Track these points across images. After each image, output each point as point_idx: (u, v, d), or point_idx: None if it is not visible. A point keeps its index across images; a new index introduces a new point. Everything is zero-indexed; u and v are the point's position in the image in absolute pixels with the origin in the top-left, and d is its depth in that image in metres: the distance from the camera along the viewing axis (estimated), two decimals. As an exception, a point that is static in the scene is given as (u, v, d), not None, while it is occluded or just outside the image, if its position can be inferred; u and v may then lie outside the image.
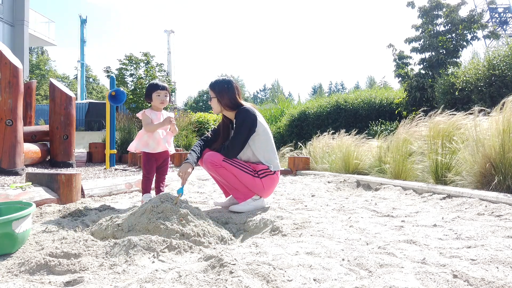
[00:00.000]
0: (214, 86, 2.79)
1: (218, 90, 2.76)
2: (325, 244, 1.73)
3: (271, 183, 2.73)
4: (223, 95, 2.76)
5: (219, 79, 2.84)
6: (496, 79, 5.51)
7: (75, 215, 2.47)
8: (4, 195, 2.59)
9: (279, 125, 10.99)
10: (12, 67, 4.99)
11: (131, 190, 3.77)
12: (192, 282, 1.26)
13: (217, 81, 2.82)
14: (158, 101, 2.91)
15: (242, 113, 2.70)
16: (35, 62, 40.41)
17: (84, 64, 39.21)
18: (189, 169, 2.55)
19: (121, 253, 1.59)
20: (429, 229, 1.99)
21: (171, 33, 40.26)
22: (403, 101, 8.07)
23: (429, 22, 8.00)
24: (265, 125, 2.80)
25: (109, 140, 6.51)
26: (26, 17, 17.50)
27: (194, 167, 2.63)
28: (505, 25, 32.03)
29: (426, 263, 1.46)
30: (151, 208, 1.98)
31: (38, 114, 16.35)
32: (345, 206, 2.79)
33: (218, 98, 2.77)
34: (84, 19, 37.98)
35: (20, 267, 1.46)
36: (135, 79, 11.24)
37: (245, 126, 2.67)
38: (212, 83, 2.82)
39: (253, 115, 2.70)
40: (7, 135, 4.93)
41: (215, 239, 1.90)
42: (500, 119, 2.95)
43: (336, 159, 5.27)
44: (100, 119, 17.80)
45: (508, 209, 2.27)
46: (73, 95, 6.51)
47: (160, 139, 2.92)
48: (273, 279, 1.29)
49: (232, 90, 2.77)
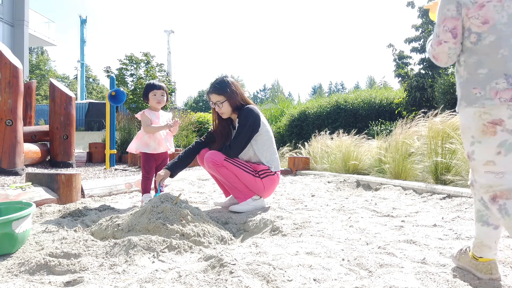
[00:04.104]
0: (223, 89, 2.67)
1: (230, 92, 2.67)
2: (325, 244, 1.73)
3: (272, 183, 2.73)
4: (235, 96, 2.69)
5: (222, 81, 2.73)
6: None
7: (75, 215, 2.47)
8: (4, 195, 2.59)
9: (279, 125, 10.98)
10: (12, 67, 4.99)
11: (131, 190, 3.77)
12: (192, 282, 1.26)
13: (222, 83, 2.70)
14: (154, 100, 2.91)
15: (246, 113, 2.68)
16: (35, 62, 40.40)
17: (84, 64, 39.19)
18: (162, 173, 2.65)
19: (121, 253, 1.59)
20: (429, 229, 1.99)
21: (171, 33, 40.23)
22: (403, 101, 8.07)
23: (429, 22, 7.99)
24: (267, 125, 2.80)
25: (109, 140, 6.51)
26: (26, 17, 17.49)
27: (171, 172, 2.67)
28: (505, 25, 32.05)
29: (426, 263, 1.46)
30: (151, 208, 1.98)
31: (38, 114, 16.35)
32: (345, 206, 2.79)
33: (230, 101, 2.68)
34: (84, 19, 37.95)
35: (20, 267, 1.46)
36: (135, 79, 11.25)
37: (249, 126, 2.65)
38: (218, 87, 2.68)
39: (257, 115, 2.70)
40: (7, 135, 4.93)
41: (215, 239, 1.90)
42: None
43: (336, 159, 5.26)
44: (100, 119, 17.81)
45: (508, 209, 2.27)
46: (73, 95, 6.52)
47: (162, 139, 2.92)
48: (273, 279, 1.29)
49: (239, 88, 2.75)
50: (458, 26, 1.19)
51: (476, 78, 1.18)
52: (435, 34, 1.24)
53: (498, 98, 1.12)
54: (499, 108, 1.13)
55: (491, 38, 1.16)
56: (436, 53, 1.24)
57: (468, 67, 1.21)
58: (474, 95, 1.17)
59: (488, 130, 1.14)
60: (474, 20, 1.17)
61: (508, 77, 1.12)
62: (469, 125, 1.20)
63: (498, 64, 1.14)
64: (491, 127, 1.13)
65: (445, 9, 1.21)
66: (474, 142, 1.19)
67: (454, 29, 1.19)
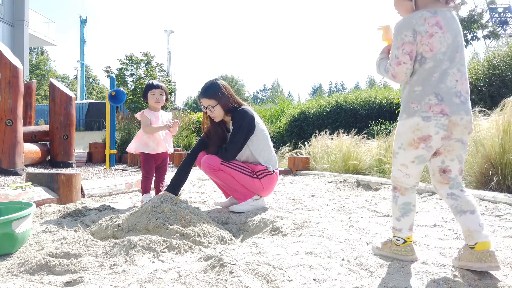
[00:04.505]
0: (214, 93, 2.64)
1: (221, 95, 2.64)
2: (325, 244, 1.73)
3: (271, 182, 2.72)
4: (226, 99, 2.66)
5: (212, 85, 2.69)
6: (496, 79, 5.50)
7: (75, 215, 2.47)
8: (4, 195, 2.59)
9: (279, 125, 10.98)
10: (12, 67, 4.99)
11: (131, 190, 3.77)
12: (192, 282, 1.26)
13: (213, 87, 2.66)
14: (153, 100, 2.91)
15: (241, 115, 2.65)
16: (35, 62, 40.40)
17: (84, 64, 39.21)
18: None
19: (121, 253, 1.59)
20: (429, 229, 2.00)
21: (171, 33, 40.27)
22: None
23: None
24: (262, 125, 2.78)
25: (109, 140, 6.51)
26: (26, 17, 17.50)
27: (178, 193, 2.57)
28: (505, 25, 32.03)
29: (426, 263, 1.46)
30: (151, 208, 1.98)
31: (38, 114, 16.36)
32: (345, 206, 2.79)
33: (222, 104, 2.65)
34: (84, 19, 37.98)
35: (20, 267, 1.46)
36: (135, 79, 11.25)
37: (244, 128, 2.63)
38: (209, 92, 2.65)
39: (251, 116, 2.68)
40: (7, 135, 4.93)
41: (215, 239, 1.90)
42: (500, 119, 2.95)
43: (336, 159, 5.26)
44: (100, 119, 17.82)
45: (508, 209, 2.27)
46: (73, 95, 6.52)
47: (161, 139, 2.91)
48: (273, 279, 1.29)
49: (230, 90, 2.73)
50: (413, 50, 1.41)
51: (414, 95, 1.43)
52: (394, 55, 1.43)
53: (431, 111, 1.39)
54: (428, 125, 1.39)
55: (430, 64, 1.40)
56: (396, 72, 1.44)
57: (410, 85, 1.45)
58: (413, 109, 1.42)
59: (413, 144, 1.44)
60: (425, 47, 1.40)
61: (437, 95, 1.39)
62: (403, 134, 1.47)
63: (431, 85, 1.40)
64: (417, 143, 1.43)
65: (403, 35, 1.41)
66: (401, 147, 1.49)
67: (411, 52, 1.41)
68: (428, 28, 1.39)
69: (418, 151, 1.43)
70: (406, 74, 1.43)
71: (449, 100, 1.38)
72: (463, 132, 1.41)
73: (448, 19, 1.41)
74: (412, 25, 1.40)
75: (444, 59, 1.39)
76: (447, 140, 1.41)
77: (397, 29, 1.43)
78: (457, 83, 1.40)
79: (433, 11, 1.40)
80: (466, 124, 1.41)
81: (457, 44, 1.41)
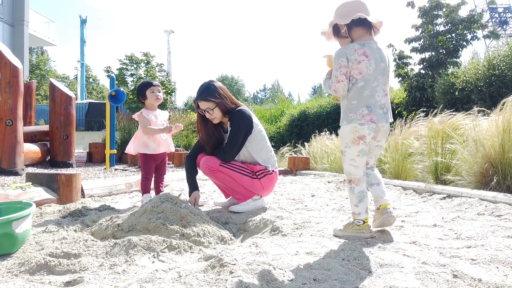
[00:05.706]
0: (212, 95, 2.60)
1: (218, 96, 2.61)
2: (325, 244, 1.73)
3: (270, 182, 2.72)
4: (224, 100, 2.63)
5: (208, 86, 2.64)
6: (496, 79, 5.50)
7: (75, 215, 2.47)
8: (4, 195, 2.59)
9: (279, 125, 10.98)
10: (12, 67, 4.99)
11: (131, 190, 3.77)
12: (192, 282, 1.26)
13: (210, 89, 2.62)
14: (153, 97, 2.90)
15: (238, 116, 2.63)
16: (35, 62, 40.38)
17: (84, 64, 39.18)
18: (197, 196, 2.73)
19: (121, 253, 1.59)
20: (429, 229, 1.99)
21: (171, 33, 40.25)
22: (403, 101, 8.07)
23: (429, 22, 7.99)
24: (259, 125, 2.77)
25: (109, 140, 6.51)
26: (26, 17, 17.48)
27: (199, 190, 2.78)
28: (505, 25, 32.00)
29: (426, 263, 1.46)
30: (151, 208, 1.98)
31: (38, 114, 16.34)
32: (345, 206, 2.79)
33: (220, 106, 2.62)
34: (84, 19, 37.94)
35: (20, 267, 1.46)
36: (135, 79, 11.25)
37: (242, 129, 2.61)
38: (206, 94, 2.61)
39: (249, 116, 2.66)
40: (7, 135, 4.94)
41: (215, 239, 1.90)
42: (500, 119, 2.95)
43: (336, 159, 5.26)
44: (100, 119, 17.83)
45: (508, 209, 2.27)
46: (73, 95, 6.52)
47: (162, 140, 2.91)
48: (273, 279, 1.29)
49: (226, 91, 2.70)
50: (348, 71, 1.85)
51: (351, 106, 1.87)
52: (334, 76, 1.87)
53: (364, 119, 1.83)
54: (363, 128, 1.83)
55: (361, 84, 1.84)
56: (336, 88, 1.86)
57: (347, 99, 1.89)
58: (351, 117, 1.86)
59: (355, 141, 1.87)
60: (355, 71, 1.84)
61: (368, 107, 1.83)
62: (346, 136, 1.90)
63: (363, 99, 1.84)
64: (357, 140, 1.86)
65: (340, 60, 1.85)
66: (346, 146, 1.91)
67: (346, 73, 1.85)
68: (357, 57, 1.83)
69: (360, 146, 1.87)
70: (344, 89, 1.86)
71: (375, 111, 1.84)
72: (383, 136, 1.91)
73: (374, 50, 1.85)
74: (346, 54, 1.84)
75: (371, 79, 1.84)
76: (374, 140, 1.88)
77: (336, 56, 1.87)
78: (382, 98, 1.86)
79: (362, 43, 1.85)
80: (385, 130, 1.90)
81: (380, 68, 1.86)
